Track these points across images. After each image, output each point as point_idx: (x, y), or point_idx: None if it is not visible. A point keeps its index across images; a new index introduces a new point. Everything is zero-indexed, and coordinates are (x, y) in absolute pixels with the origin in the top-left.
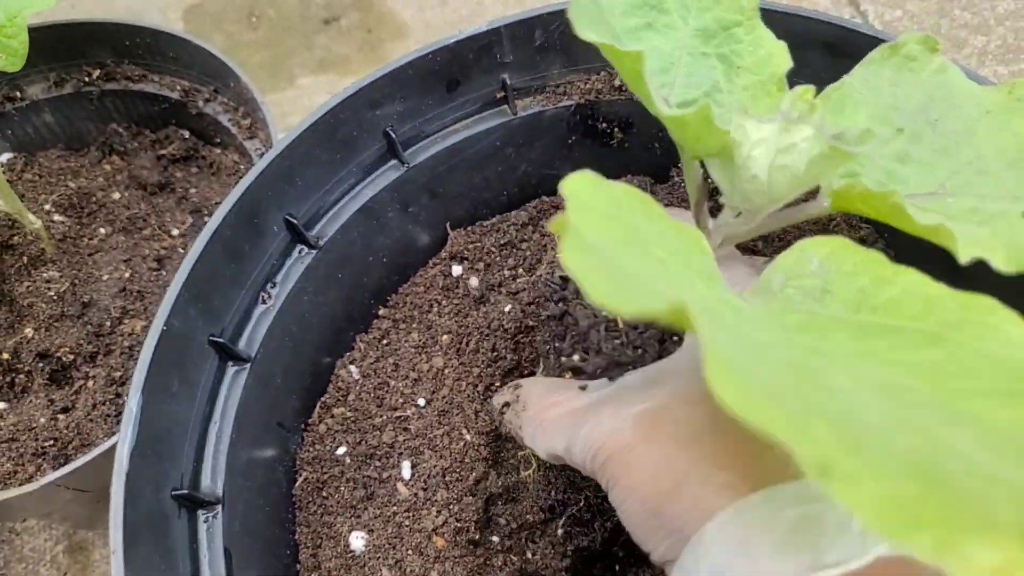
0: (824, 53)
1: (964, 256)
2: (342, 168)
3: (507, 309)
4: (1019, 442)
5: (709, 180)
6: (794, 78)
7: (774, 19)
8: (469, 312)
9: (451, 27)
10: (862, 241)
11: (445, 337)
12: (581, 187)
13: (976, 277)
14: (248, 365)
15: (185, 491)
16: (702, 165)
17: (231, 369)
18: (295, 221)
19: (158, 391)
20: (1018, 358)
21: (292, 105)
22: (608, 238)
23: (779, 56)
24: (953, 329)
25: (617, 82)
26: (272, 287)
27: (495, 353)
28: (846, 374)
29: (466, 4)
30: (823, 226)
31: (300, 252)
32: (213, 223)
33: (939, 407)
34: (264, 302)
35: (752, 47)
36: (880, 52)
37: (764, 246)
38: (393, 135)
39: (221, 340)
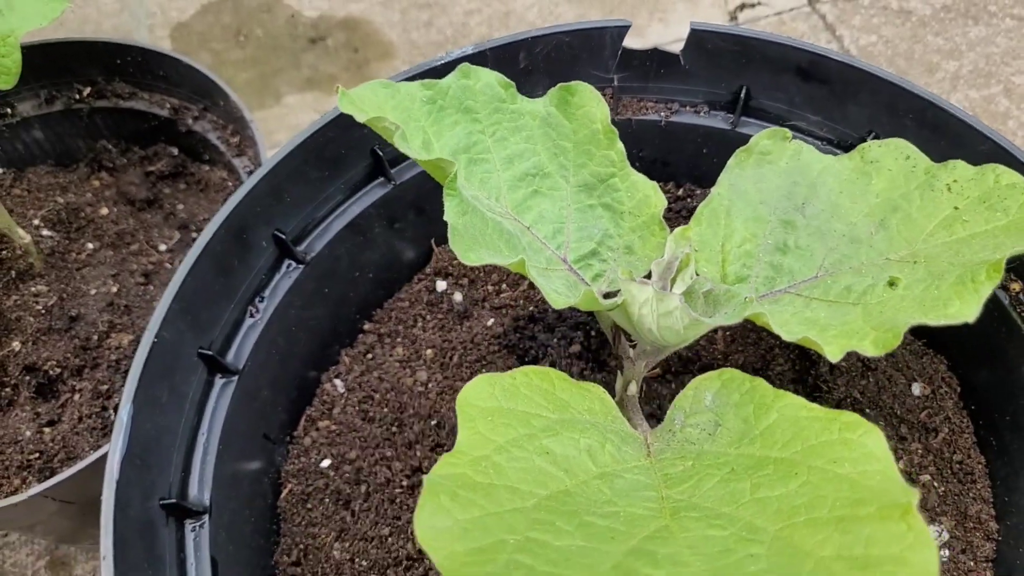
0: (796, 77)
1: (833, 358)
2: (330, 185)
3: (490, 323)
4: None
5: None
6: (766, 100)
7: (752, 46)
8: (453, 327)
9: (436, 47)
10: None
11: (429, 351)
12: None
13: None
14: (236, 378)
15: (173, 500)
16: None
17: (219, 381)
18: (283, 236)
19: (148, 402)
20: (870, 470)
21: (278, 123)
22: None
23: (654, 197)
24: (814, 454)
25: None
26: (260, 301)
27: (479, 365)
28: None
29: (451, 25)
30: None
31: (288, 267)
32: (203, 238)
33: (778, 546)
34: (252, 316)
35: (629, 193)
36: (736, 157)
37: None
38: (380, 153)
39: (210, 353)
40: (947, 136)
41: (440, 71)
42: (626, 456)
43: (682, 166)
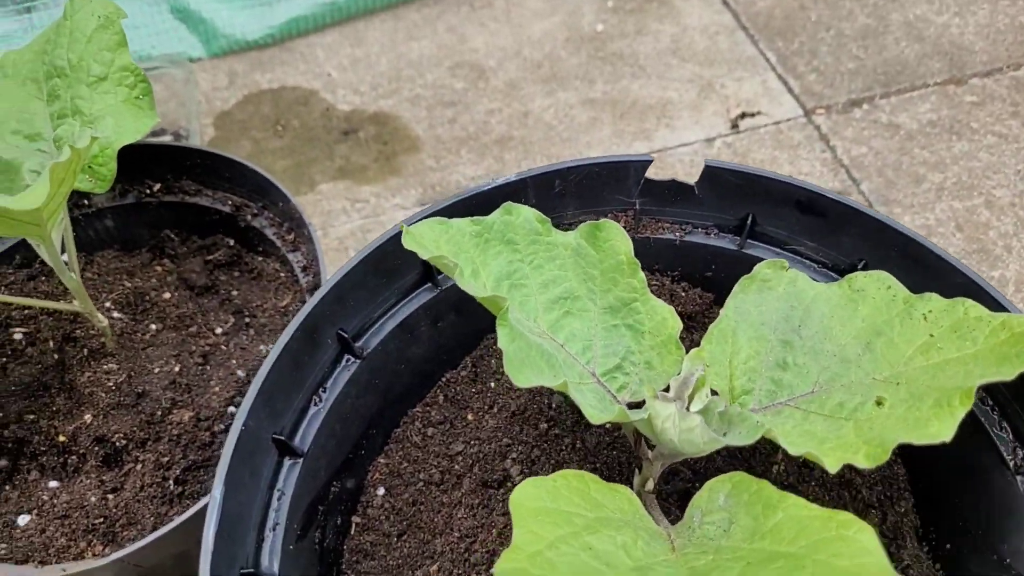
0: (795, 209)
1: (832, 469)
2: (386, 290)
3: (512, 408)
4: None
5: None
6: (769, 227)
7: (757, 182)
8: (488, 409)
9: (459, 143)
10: None
11: (466, 440)
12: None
13: None
14: (301, 460)
15: (251, 570)
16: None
17: (287, 463)
18: (346, 335)
19: (234, 483)
20: (866, 562)
21: (312, 208)
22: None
23: (671, 320)
24: (817, 549)
25: (622, 223)
26: (323, 391)
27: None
28: None
29: (473, 123)
30: None
31: (347, 361)
32: (284, 339)
33: None
34: (316, 404)
35: (649, 316)
36: (741, 284)
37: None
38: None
39: (282, 438)
40: (927, 268)
41: (488, 194)
42: (655, 551)
43: (693, 279)
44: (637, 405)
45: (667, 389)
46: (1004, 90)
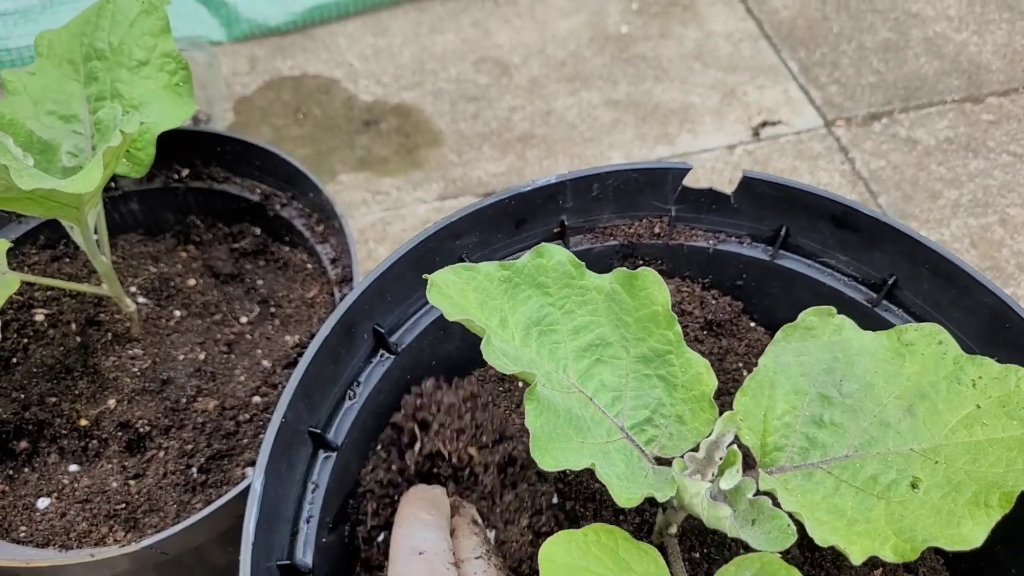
0: (830, 222)
1: (856, 561)
2: (422, 286)
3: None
4: None
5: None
6: (802, 239)
7: (793, 193)
8: (516, 408)
9: (481, 138)
10: None
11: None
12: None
13: None
14: (335, 453)
15: (287, 562)
16: None
17: (322, 455)
18: (382, 330)
19: (273, 474)
20: None
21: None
22: None
23: (706, 375)
24: None
25: (656, 229)
26: (357, 386)
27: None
28: None
29: (496, 119)
30: None
31: (381, 356)
32: (324, 331)
33: None
34: (350, 399)
35: (683, 369)
36: (784, 332)
37: None
38: (466, 260)
39: (318, 431)
40: (958, 286)
41: (527, 195)
42: None
43: (724, 286)
44: (666, 462)
45: (696, 448)
46: (1020, 110)
